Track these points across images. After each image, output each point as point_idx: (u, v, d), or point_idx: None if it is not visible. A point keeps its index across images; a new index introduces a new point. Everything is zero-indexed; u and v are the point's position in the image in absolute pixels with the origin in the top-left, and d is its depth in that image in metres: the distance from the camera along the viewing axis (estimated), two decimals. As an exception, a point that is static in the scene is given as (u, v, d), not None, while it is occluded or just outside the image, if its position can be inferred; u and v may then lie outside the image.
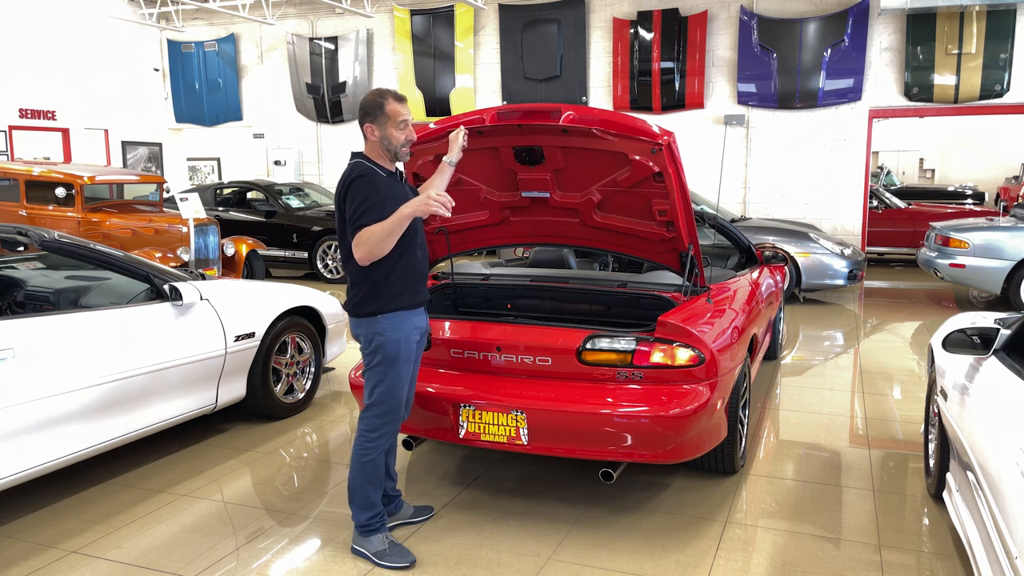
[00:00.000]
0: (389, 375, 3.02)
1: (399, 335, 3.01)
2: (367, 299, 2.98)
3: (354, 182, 2.88)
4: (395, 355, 3.01)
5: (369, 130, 2.98)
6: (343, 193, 2.91)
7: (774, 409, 5.19)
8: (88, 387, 3.61)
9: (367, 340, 3.03)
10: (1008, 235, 8.39)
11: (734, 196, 12.37)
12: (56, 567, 3.14)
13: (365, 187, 2.87)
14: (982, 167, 22.36)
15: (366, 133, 2.99)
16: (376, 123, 2.97)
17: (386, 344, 2.99)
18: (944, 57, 11.10)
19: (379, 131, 2.97)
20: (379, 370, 3.03)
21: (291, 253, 11.29)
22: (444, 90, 13.76)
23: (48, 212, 9.13)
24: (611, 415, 3.27)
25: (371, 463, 3.09)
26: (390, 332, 2.99)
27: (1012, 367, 2.76)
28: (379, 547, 3.13)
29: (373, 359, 3.03)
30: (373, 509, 3.15)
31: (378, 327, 2.99)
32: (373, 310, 2.98)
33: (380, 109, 2.96)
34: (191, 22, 15.54)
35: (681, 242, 3.92)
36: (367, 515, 3.14)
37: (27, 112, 13.40)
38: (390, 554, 3.12)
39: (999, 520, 2.33)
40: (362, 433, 3.10)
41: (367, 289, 2.98)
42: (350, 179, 2.90)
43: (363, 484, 3.11)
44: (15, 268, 4.54)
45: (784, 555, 3.20)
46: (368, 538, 3.15)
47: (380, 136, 2.98)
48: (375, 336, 3.00)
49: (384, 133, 2.97)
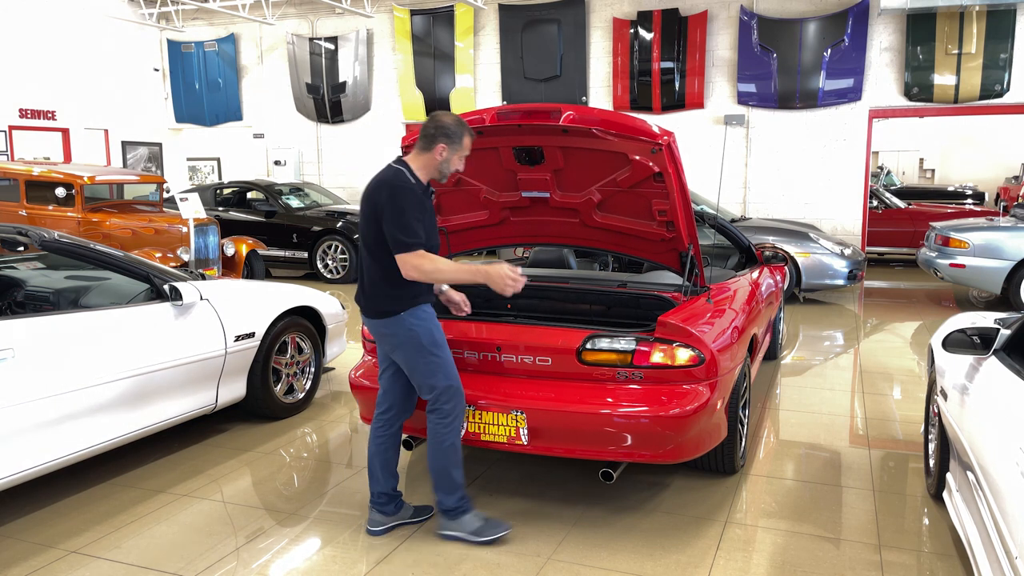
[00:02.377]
0: (441, 358, 3.14)
1: (430, 323, 3.16)
2: (392, 300, 3.11)
3: (399, 192, 3.02)
4: (435, 339, 3.15)
5: (440, 149, 3.12)
6: (383, 197, 3.02)
7: (774, 409, 5.19)
8: (88, 387, 3.61)
9: (401, 339, 3.12)
10: (1008, 235, 8.39)
11: (734, 196, 12.37)
12: (56, 567, 3.14)
13: (411, 202, 3.02)
14: (982, 167, 22.35)
15: (435, 150, 3.11)
16: (450, 147, 3.13)
17: (421, 333, 3.12)
18: (944, 57, 11.10)
19: (447, 154, 3.14)
20: (430, 359, 3.13)
21: (291, 253, 11.29)
22: (444, 90, 13.76)
23: (48, 212, 9.13)
24: (611, 415, 3.27)
25: (452, 446, 3.20)
26: (421, 322, 3.13)
27: (1012, 367, 2.76)
28: (474, 525, 3.26)
29: (416, 352, 3.12)
30: (460, 490, 3.26)
31: (406, 323, 3.11)
32: (398, 308, 3.11)
33: (459, 138, 3.15)
34: (191, 22, 15.54)
35: (681, 242, 3.92)
36: (455, 497, 3.25)
37: (27, 112, 13.40)
38: (487, 529, 3.26)
39: (999, 520, 2.33)
40: (437, 423, 3.18)
41: (392, 290, 3.10)
42: (394, 187, 3.02)
43: (447, 468, 3.21)
44: (15, 268, 4.54)
45: (784, 555, 3.20)
46: (459, 520, 3.26)
47: (445, 158, 3.14)
48: (409, 331, 3.11)
49: (449, 157, 3.15)
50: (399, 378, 3.32)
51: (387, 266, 3.08)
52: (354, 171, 14.61)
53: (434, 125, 3.13)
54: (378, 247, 3.09)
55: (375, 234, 3.08)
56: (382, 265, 3.10)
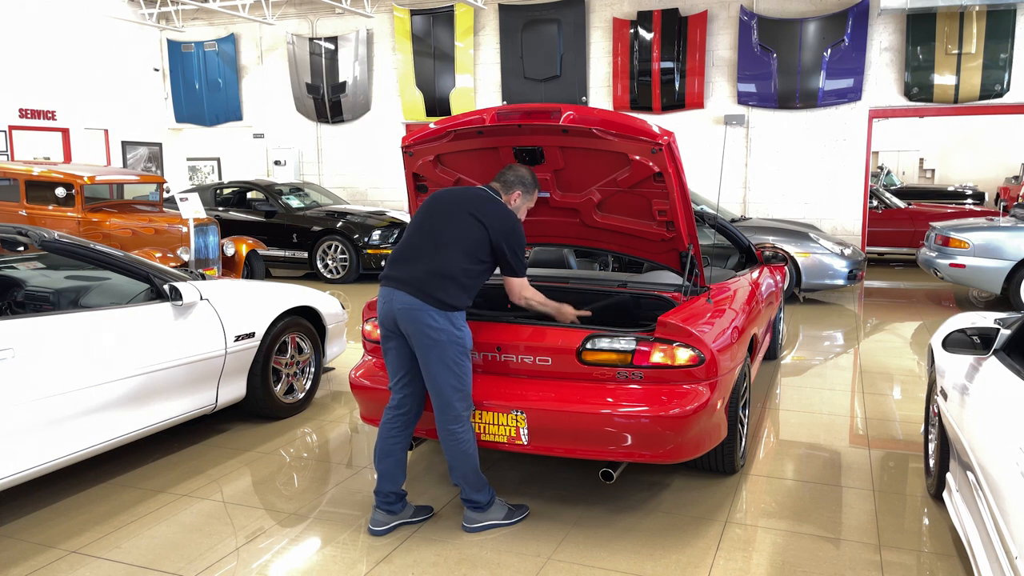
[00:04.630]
0: (467, 367, 3.27)
1: (469, 332, 3.32)
2: (460, 298, 3.23)
3: (519, 227, 3.39)
4: (470, 346, 3.31)
5: (517, 196, 3.48)
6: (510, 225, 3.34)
7: (774, 409, 5.19)
8: (88, 387, 3.61)
9: (447, 336, 3.18)
10: (1008, 235, 8.39)
11: (734, 196, 12.37)
12: (56, 567, 3.14)
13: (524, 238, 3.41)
14: (982, 167, 22.33)
15: (512, 196, 3.48)
16: (524, 196, 3.51)
17: (466, 336, 3.27)
18: (944, 57, 11.10)
19: (520, 202, 3.50)
20: (465, 363, 3.25)
21: (291, 253, 11.29)
22: (444, 90, 13.76)
23: (48, 212, 9.13)
24: (611, 415, 3.27)
25: (473, 449, 3.32)
26: (467, 328, 3.29)
27: (1012, 367, 2.76)
28: (503, 511, 3.44)
29: (457, 354, 3.21)
30: (486, 483, 3.42)
31: (458, 323, 3.23)
32: (461, 305, 3.24)
33: (533, 192, 3.55)
34: (191, 22, 15.54)
35: (681, 242, 3.92)
36: (486, 491, 3.41)
37: (27, 112, 13.40)
38: (514, 512, 3.47)
39: (999, 520, 2.33)
40: (459, 431, 3.28)
41: (463, 291, 3.24)
42: (515, 221, 3.38)
43: (473, 468, 3.33)
44: (15, 268, 4.54)
45: (784, 555, 3.20)
46: (488, 511, 3.40)
47: (517, 206, 3.49)
48: (459, 331, 3.22)
49: (520, 205, 3.51)
50: (418, 380, 3.34)
51: (470, 270, 3.26)
52: (354, 171, 14.61)
53: (514, 175, 3.50)
54: (478, 250, 3.27)
55: (476, 240, 3.26)
56: (467, 266, 3.24)
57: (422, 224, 3.35)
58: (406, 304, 3.18)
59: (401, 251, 3.34)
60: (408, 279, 3.21)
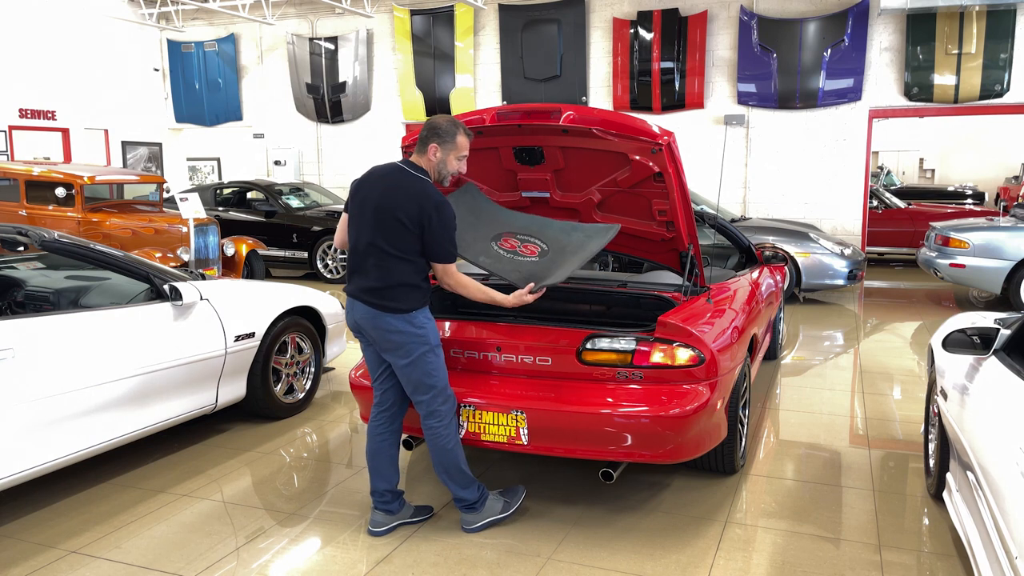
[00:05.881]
0: (438, 360, 3.22)
1: (433, 325, 3.24)
2: (413, 298, 3.15)
3: (445, 208, 3.08)
4: (438, 341, 3.24)
5: (433, 150, 3.17)
6: (431, 208, 3.05)
7: (774, 409, 5.18)
8: (88, 387, 3.61)
9: (409, 336, 3.14)
10: (1008, 235, 8.39)
11: (734, 196, 12.37)
12: (56, 567, 3.14)
13: (452, 217, 3.12)
14: (982, 167, 22.33)
15: (428, 151, 3.17)
16: (443, 147, 3.17)
17: (429, 333, 3.20)
18: (944, 57, 11.10)
19: (441, 154, 3.18)
20: (430, 359, 3.19)
21: (291, 253, 11.29)
22: (444, 90, 13.76)
23: (48, 212, 9.13)
24: (611, 415, 3.27)
25: (455, 445, 3.29)
26: (429, 321, 3.22)
27: (1012, 367, 2.76)
28: (498, 506, 3.41)
29: (420, 351, 3.16)
30: (475, 481, 3.37)
31: (418, 320, 3.17)
32: (417, 305, 3.17)
33: (452, 136, 3.17)
34: (191, 22, 15.54)
35: (681, 242, 3.92)
36: (474, 488, 3.36)
37: (27, 112, 13.40)
38: (511, 502, 3.46)
39: (999, 520, 2.33)
40: (437, 426, 3.25)
41: (413, 290, 3.15)
42: (439, 202, 3.07)
43: (457, 465, 3.29)
44: (15, 268, 4.54)
45: (784, 555, 3.20)
46: (483, 509, 3.38)
47: (440, 159, 3.18)
48: (418, 329, 3.16)
49: (444, 158, 3.19)
50: (396, 376, 3.33)
51: (416, 266, 3.15)
52: (354, 171, 14.59)
53: (426, 127, 3.20)
54: (410, 251, 3.11)
55: (410, 239, 3.09)
56: (412, 266, 3.14)
57: (358, 237, 3.20)
58: (364, 314, 3.20)
59: (349, 263, 3.28)
60: (360, 291, 3.20)
